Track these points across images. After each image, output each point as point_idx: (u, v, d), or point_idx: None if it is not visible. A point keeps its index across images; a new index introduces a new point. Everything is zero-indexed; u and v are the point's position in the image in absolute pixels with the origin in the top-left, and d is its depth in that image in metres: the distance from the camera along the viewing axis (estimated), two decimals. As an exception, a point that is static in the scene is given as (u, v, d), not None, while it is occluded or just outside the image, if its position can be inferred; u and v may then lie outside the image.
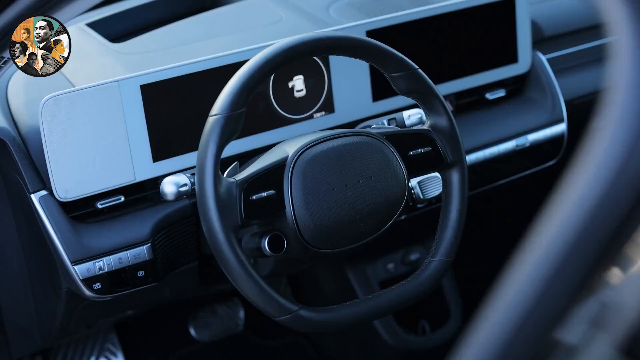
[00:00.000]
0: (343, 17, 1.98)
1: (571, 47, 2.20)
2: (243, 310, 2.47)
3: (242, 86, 1.38)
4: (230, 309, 2.46)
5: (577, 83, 2.17)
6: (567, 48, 2.19)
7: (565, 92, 2.10)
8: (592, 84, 2.21)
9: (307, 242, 1.44)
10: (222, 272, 1.82)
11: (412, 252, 2.41)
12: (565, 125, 2.07)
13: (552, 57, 2.14)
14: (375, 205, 1.47)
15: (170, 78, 1.60)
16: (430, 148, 1.55)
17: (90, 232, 1.58)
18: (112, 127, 1.56)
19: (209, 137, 1.37)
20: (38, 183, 1.56)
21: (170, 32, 1.90)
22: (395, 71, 1.51)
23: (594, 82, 2.22)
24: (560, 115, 2.07)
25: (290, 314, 1.41)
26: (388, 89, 1.85)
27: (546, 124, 2.05)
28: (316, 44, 1.44)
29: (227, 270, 1.37)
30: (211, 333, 2.42)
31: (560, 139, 2.07)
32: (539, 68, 2.10)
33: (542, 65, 2.11)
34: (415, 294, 1.53)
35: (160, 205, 1.66)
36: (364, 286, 2.32)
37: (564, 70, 2.16)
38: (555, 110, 2.07)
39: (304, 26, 1.90)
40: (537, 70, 2.10)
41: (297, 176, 1.42)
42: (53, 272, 1.63)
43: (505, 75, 2.05)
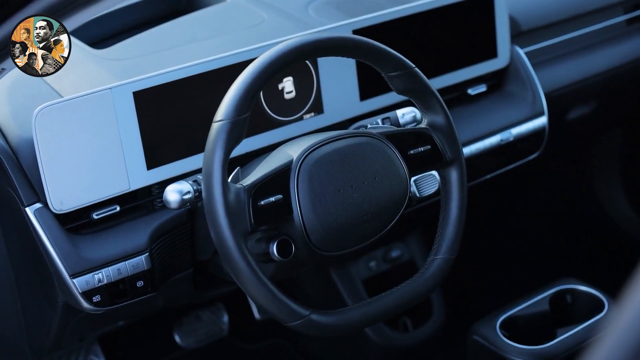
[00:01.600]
0: (323, 16, 1.97)
1: (547, 39, 2.21)
2: (227, 315, 2.45)
3: (246, 90, 1.36)
4: (214, 314, 2.43)
5: (555, 75, 2.20)
6: (543, 41, 2.21)
7: (543, 85, 2.12)
8: (568, 75, 2.24)
9: (314, 245, 1.43)
10: (217, 278, 1.82)
11: (393, 249, 2.42)
12: (546, 119, 2.09)
13: (529, 50, 2.16)
14: (380, 206, 1.47)
15: (163, 84, 1.58)
16: (429, 146, 1.55)
17: (87, 244, 1.55)
18: (105, 136, 1.53)
19: (215, 143, 1.34)
20: (32, 196, 1.52)
21: (153, 36, 1.87)
22: (393, 70, 1.51)
23: (570, 74, 2.24)
24: (541, 108, 2.09)
25: (302, 319, 1.39)
26: (375, 88, 1.86)
27: (528, 117, 2.07)
28: (316, 45, 1.43)
29: (238, 277, 1.35)
30: (196, 339, 2.39)
31: (542, 132, 2.09)
32: (517, 62, 2.12)
33: (521, 59, 2.12)
34: (420, 292, 1.53)
35: (155, 213, 1.63)
36: (347, 285, 2.32)
37: (541, 63, 2.18)
38: (535, 104, 2.09)
39: (288, 27, 1.88)
40: (516, 64, 2.12)
41: (303, 179, 1.41)
42: (48, 285, 1.59)
43: (486, 70, 2.06)
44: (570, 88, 2.23)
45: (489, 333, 1.95)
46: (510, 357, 1.90)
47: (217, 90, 1.63)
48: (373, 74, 1.83)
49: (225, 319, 2.44)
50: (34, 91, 1.66)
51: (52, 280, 1.56)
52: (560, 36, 2.24)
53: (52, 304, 1.63)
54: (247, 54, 1.66)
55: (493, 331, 1.95)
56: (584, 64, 2.27)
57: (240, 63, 1.65)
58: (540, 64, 2.17)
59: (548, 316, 2.04)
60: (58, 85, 1.66)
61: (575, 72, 2.25)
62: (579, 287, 2.09)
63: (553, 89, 2.16)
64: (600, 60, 2.31)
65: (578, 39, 2.28)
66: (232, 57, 1.64)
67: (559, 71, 2.22)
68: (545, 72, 2.16)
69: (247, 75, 1.38)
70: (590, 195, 2.96)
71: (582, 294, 2.08)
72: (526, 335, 1.97)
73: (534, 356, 1.88)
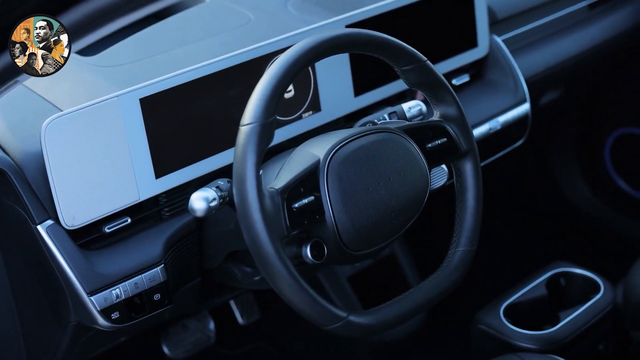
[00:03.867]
0: (304, 13, 1.95)
1: (521, 27, 2.23)
2: (213, 322, 2.40)
3: (272, 92, 1.33)
4: (200, 322, 2.38)
5: (531, 61, 2.22)
6: (517, 28, 2.22)
7: (522, 72, 2.14)
8: (543, 61, 2.26)
9: (345, 245, 1.41)
10: (223, 286, 1.78)
11: None
12: (528, 105, 2.11)
13: (506, 38, 2.17)
14: (406, 201, 1.46)
15: (168, 89, 1.53)
16: (445, 139, 1.54)
17: (101, 259, 1.50)
18: (114, 146, 1.48)
19: (246, 147, 1.30)
20: (43, 213, 1.46)
21: (141, 41, 1.81)
22: (407, 64, 1.50)
23: (545, 60, 2.27)
24: (523, 95, 2.10)
25: (341, 321, 1.37)
26: (367, 84, 1.85)
27: (512, 104, 2.08)
28: (336, 42, 1.40)
29: (276, 282, 1.32)
30: (185, 349, 2.34)
31: (526, 119, 2.11)
32: (497, 50, 2.13)
33: (500, 47, 2.13)
34: (447, 285, 1.52)
35: (165, 223, 1.59)
36: (333, 284, 2.30)
37: (517, 50, 2.20)
38: (518, 90, 2.10)
39: (276, 26, 1.85)
40: (496, 53, 2.13)
41: (333, 179, 1.38)
42: (60, 305, 1.53)
43: (468, 60, 2.07)
44: (545, 74, 2.26)
45: (494, 321, 1.96)
46: (519, 343, 1.91)
47: (222, 92, 1.59)
48: (365, 70, 1.83)
49: (211, 327, 2.39)
50: (27, 105, 1.60)
51: (65, 300, 1.50)
52: (532, 23, 2.26)
53: (62, 324, 1.57)
54: (249, 54, 1.63)
55: (498, 319, 1.96)
56: (556, 50, 2.30)
57: (244, 63, 1.61)
58: (516, 51, 2.18)
59: (547, 300, 2.06)
60: (52, 97, 1.60)
61: (549, 58, 2.28)
62: (571, 270, 2.12)
63: (532, 74, 2.18)
64: (569, 46, 2.34)
65: (548, 25, 2.31)
66: (236, 57, 1.61)
67: (535, 57, 2.24)
68: (522, 58, 2.17)
69: (271, 77, 1.34)
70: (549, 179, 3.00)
71: (574, 276, 2.11)
72: (528, 321, 1.98)
73: (541, 341, 1.90)
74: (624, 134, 2.85)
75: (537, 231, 2.95)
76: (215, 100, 1.58)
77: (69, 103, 1.56)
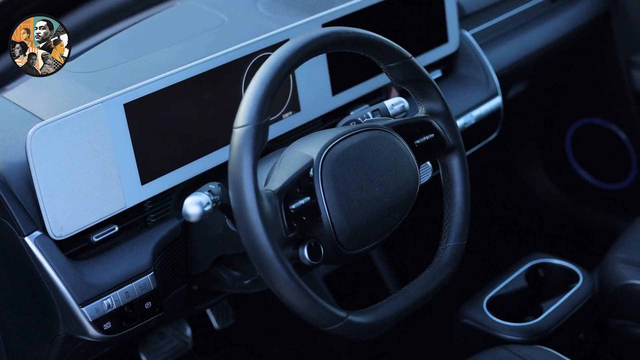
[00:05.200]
0: (275, 12, 1.94)
1: (489, 20, 2.25)
2: (189, 328, 2.37)
3: (265, 93, 1.31)
4: (176, 329, 2.35)
5: (500, 55, 2.23)
6: (486, 22, 2.24)
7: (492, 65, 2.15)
8: (510, 55, 2.28)
9: (342, 245, 1.40)
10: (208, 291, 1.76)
11: None
12: (500, 98, 2.12)
13: (474, 32, 2.18)
14: (399, 198, 1.46)
15: (152, 93, 1.50)
16: (433, 135, 1.55)
17: (91, 269, 1.46)
18: (99, 153, 1.45)
19: (241, 149, 1.28)
20: (31, 224, 1.42)
21: (115, 46, 1.78)
22: (392, 61, 1.50)
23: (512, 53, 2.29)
24: (495, 88, 2.12)
25: (341, 322, 1.36)
26: (344, 82, 1.84)
27: (485, 98, 2.09)
28: (323, 41, 1.39)
29: (276, 285, 1.30)
30: (163, 357, 2.31)
31: (498, 112, 2.12)
32: (466, 45, 2.14)
33: (469, 42, 2.14)
34: (441, 281, 1.52)
35: (151, 230, 1.56)
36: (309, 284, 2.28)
37: (485, 44, 2.21)
38: (489, 84, 2.11)
39: (251, 26, 1.83)
40: (466, 48, 2.14)
41: (327, 179, 1.37)
42: (47, 318, 1.49)
43: (439, 56, 2.07)
44: (513, 67, 2.28)
45: (478, 315, 1.97)
46: (504, 335, 1.92)
47: (205, 95, 1.57)
48: (342, 69, 1.83)
49: (188, 333, 2.36)
50: (5, 115, 1.56)
51: (53, 312, 1.46)
52: (499, 16, 2.28)
53: (50, 337, 1.53)
54: (233, 55, 1.61)
55: (482, 312, 1.97)
56: (522, 43, 2.33)
57: (227, 64, 1.60)
58: (485, 45, 2.20)
59: (527, 292, 2.07)
60: (31, 106, 1.56)
61: (516, 51, 2.30)
62: (548, 261, 2.14)
63: (499, 68, 2.20)
64: (534, 39, 2.37)
65: (514, 19, 2.33)
66: (219, 58, 1.59)
67: (502, 51, 2.26)
68: (491, 52, 2.19)
69: (263, 78, 1.32)
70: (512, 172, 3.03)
71: (552, 266, 2.13)
72: (510, 313, 2.00)
73: (526, 332, 1.91)
74: (584, 124, 2.88)
75: (506, 224, 2.97)
76: (198, 102, 1.56)
77: (49, 111, 1.52)
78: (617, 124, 2.77)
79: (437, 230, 1.57)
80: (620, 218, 2.83)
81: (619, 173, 2.85)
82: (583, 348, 2.06)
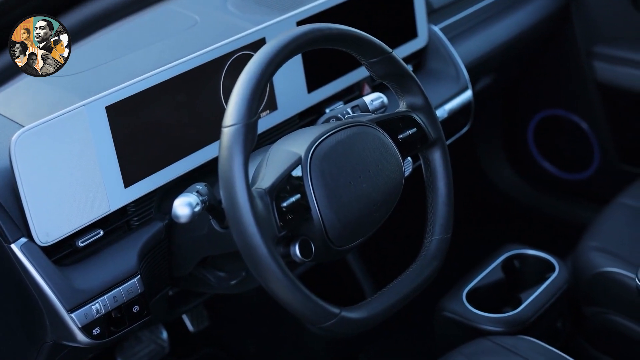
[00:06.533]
0: (246, 11, 1.93)
1: (456, 14, 2.27)
2: (165, 332, 2.35)
3: (253, 92, 1.31)
4: (152, 333, 2.33)
5: (468, 48, 2.25)
6: (453, 16, 2.25)
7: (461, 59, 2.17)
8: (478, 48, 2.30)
9: (331, 242, 1.40)
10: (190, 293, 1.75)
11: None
12: (471, 92, 2.13)
13: (442, 26, 2.20)
14: (386, 193, 1.46)
15: (133, 95, 1.49)
16: (415, 129, 1.55)
17: (78, 275, 1.45)
18: (83, 156, 1.43)
19: (231, 149, 1.28)
20: (16, 231, 1.40)
21: (88, 49, 1.75)
22: (374, 57, 1.50)
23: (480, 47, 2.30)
24: (465, 82, 2.13)
25: (335, 318, 1.36)
26: (319, 80, 1.84)
27: (456, 92, 2.10)
28: (307, 38, 1.39)
29: (270, 283, 1.30)
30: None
31: (469, 105, 2.14)
32: (435, 39, 2.15)
33: (438, 36, 2.16)
34: (429, 274, 1.53)
35: (135, 233, 1.55)
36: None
37: (453, 38, 2.22)
38: (459, 78, 2.13)
39: (224, 26, 1.83)
40: (435, 42, 2.15)
41: (316, 176, 1.37)
42: (33, 326, 1.47)
43: (410, 51, 2.08)
44: (480, 60, 2.29)
45: (458, 307, 1.98)
46: (485, 327, 1.93)
47: (185, 94, 1.56)
48: (317, 66, 1.83)
49: (164, 336, 2.34)
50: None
51: (40, 319, 1.44)
52: (465, 10, 2.30)
53: (37, 345, 1.51)
54: (210, 54, 1.60)
55: (462, 305, 1.98)
56: (488, 36, 2.35)
57: (205, 64, 1.59)
58: (453, 39, 2.21)
59: (504, 283, 2.09)
60: (8, 112, 1.53)
61: (482, 45, 2.32)
62: (523, 252, 2.16)
63: (468, 62, 2.21)
64: (500, 32, 2.39)
65: (480, 12, 2.35)
66: (198, 58, 1.58)
67: (470, 45, 2.27)
68: (459, 46, 2.20)
69: (250, 76, 1.32)
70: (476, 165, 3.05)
71: (527, 257, 2.15)
72: (489, 304, 2.01)
73: (507, 323, 1.93)
74: (546, 116, 2.92)
75: (474, 219, 3.00)
76: (178, 103, 1.55)
77: (28, 117, 1.50)
78: (579, 115, 2.80)
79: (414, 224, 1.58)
80: (584, 208, 2.87)
81: (581, 163, 2.89)
82: (561, 336, 2.08)
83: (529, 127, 2.97)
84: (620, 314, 1.98)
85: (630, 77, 2.59)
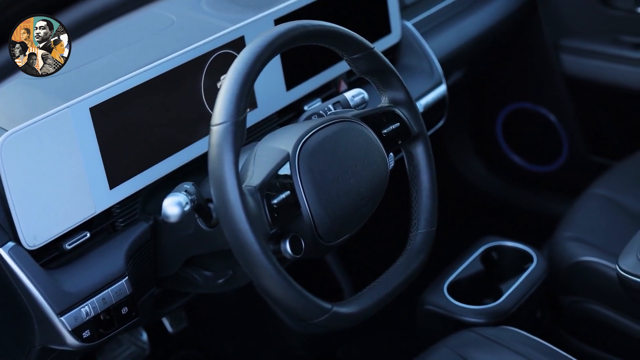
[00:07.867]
0: (220, 10, 1.92)
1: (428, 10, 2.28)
2: (145, 334, 2.34)
3: (241, 89, 1.31)
4: (132, 335, 2.32)
5: (440, 43, 2.27)
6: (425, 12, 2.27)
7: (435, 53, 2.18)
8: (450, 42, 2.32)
9: (321, 237, 1.41)
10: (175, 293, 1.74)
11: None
12: (445, 86, 2.15)
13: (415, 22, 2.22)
14: (373, 188, 1.48)
15: (116, 95, 1.48)
16: (398, 124, 1.57)
17: (66, 277, 1.44)
18: (68, 158, 1.43)
19: (221, 147, 1.28)
20: (3, 235, 1.39)
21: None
22: (356, 53, 1.51)
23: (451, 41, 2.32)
24: (439, 76, 2.15)
25: (327, 314, 1.37)
26: (297, 77, 1.85)
27: (431, 87, 2.12)
28: (291, 35, 1.40)
29: (263, 280, 1.30)
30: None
31: (443, 100, 2.15)
32: (408, 35, 2.17)
33: (411, 32, 2.17)
34: (415, 267, 1.55)
35: (121, 234, 1.54)
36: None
37: (426, 33, 2.24)
38: (433, 73, 2.14)
39: (201, 25, 1.82)
40: (408, 38, 2.16)
41: (305, 172, 1.38)
42: (21, 331, 1.46)
43: (384, 47, 2.09)
44: (452, 55, 2.31)
45: (440, 300, 1.99)
46: (467, 319, 1.95)
47: (167, 94, 1.56)
48: (295, 64, 1.83)
49: (144, 337, 2.33)
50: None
51: (29, 324, 1.43)
52: (437, 5, 2.32)
53: (25, 350, 1.49)
54: (191, 54, 1.60)
55: (444, 298, 2.00)
56: (459, 31, 2.37)
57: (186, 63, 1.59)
58: (425, 34, 2.23)
59: (484, 274, 2.11)
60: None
61: (454, 40, 2.34)
62: (501, 243, 2.18)
63: (441, 56, 2.23)
64: (470, 26, 2.41)
65: (451, 7, 2.37)
66: (179, 57, 1.58)
67: (442, 40, 2.29)
68: (431, 41, 2.22)
69: (237, 74, 1.32)
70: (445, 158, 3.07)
71: (505, 248, 2.17)
72: (470, 297, 2.03)
73: (489, 315, 1.95)
74: (514, 109, 2.95)
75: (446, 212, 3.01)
76: (161, 102, 1.55)
77: (10, 120, 1.48)
78: (547, 107, 2.84)
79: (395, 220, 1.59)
80: (554, 200, 2.90)
81: (550, 156, 2.92)
82: (540, 326, 2.11)
83: (497, 121, 3.00)
84: (597, 303, 2.00)
85: (596, 69, 2.62)
